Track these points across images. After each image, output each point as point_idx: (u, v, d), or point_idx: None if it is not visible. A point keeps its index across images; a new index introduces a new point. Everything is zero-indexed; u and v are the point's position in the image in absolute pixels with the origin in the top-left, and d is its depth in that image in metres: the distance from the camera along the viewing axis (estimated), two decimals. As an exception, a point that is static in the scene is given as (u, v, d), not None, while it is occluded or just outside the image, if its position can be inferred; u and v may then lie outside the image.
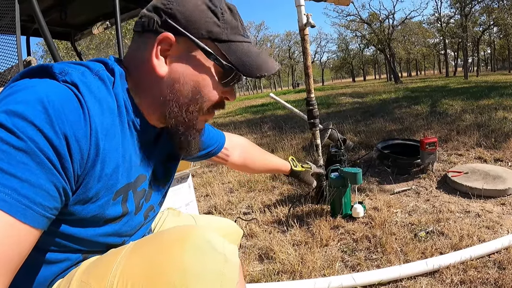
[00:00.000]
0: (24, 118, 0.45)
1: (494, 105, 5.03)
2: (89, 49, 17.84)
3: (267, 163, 1.33)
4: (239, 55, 0.64)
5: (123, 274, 0.54)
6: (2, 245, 0.42)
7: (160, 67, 0.62)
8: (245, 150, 1.22)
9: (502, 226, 1.76)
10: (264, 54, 0.68)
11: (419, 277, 1.42)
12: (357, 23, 30.67)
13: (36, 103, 0.47)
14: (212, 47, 0.62)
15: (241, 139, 1.23)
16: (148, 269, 0.54)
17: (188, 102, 0.64)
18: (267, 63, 0.67)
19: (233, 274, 0.58)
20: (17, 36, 1.73)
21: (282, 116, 6.93)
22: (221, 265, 0.56)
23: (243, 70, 0.64)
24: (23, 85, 0.50)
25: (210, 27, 0.62)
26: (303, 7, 2.09)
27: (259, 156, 1.29)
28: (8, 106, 0.46)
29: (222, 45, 0.63)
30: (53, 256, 0.60)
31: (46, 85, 0.50)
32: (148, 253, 0.57)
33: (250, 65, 0.64)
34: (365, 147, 3.63)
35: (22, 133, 0.44)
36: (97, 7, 2.47)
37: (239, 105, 13.53)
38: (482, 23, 26.83)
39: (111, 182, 0.59)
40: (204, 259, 0.55)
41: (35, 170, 0.45)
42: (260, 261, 1.69)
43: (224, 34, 0.63)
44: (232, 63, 0.63)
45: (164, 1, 0.62)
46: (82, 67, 0.58)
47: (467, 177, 2.37)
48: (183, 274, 0.52)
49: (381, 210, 2.06)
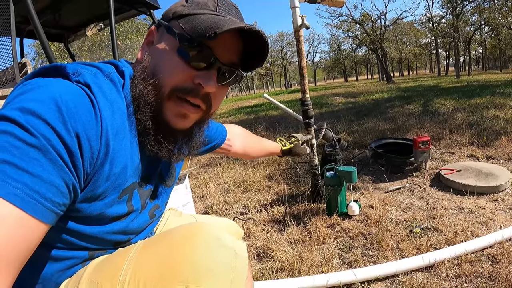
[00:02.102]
0: (37, 115, 0.46)
1: (485, 103, 5.10)
2: (82, 50, 17.68)
3: (263, 148, 1.41)
4: (195, 23, 0.60)
5: (135, 272, 0.55)
6: (12, 237, 0.43)
7: (143, 53, 0.66)
8: (244, 139, 1.28)
9: (495, 222, 1.79)
10: (229, 18, 0.61)
11: (415, 272, 1.45)
12: (349, 23, 30.80)
13: (50, 101, 0.48)
14: (175, 25, 0.62)
15: (238, 129, 1.29)
16: (160, 267, 0.55)
17: (151, 79, 0.61)
18: (224, 22, 0.59)
19: (243, 269, 0.59)
20: (12, 38, 1.72)
21: (276, 117, 6.95)
22: (232, 260, 0.58)
23: (192, 33, 0.59)
24: (36, 84, 0.51)
25: (176, 9, 0.65)
26: (298, 8, 2.11)
27: (255, 142, 1.37)
28: (22, 104, 0.47)
29: (182, 20, 0.62)
30: (59, 253, 0.61)
31: (59, 85, 0.51)
32: (158, 251, 0.58)
33: (203, 27, 0.59)
34: (359, 146, 3.67)
35: (35, 130, 0.45)
36: (90, 9, 2.47)
37: (232, 106, 13.53)
38: (473, 23, 27.10)
39: (118, 182, 0.60)
40: (215, 254, 0.56)
41: (47, 166, 0.46)
42: (259, 260, 1.70)
43: (185, 10, 0.63)
44: (186, 31, 0.60)
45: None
46: (94, 68, 0.60)
47: (460, 175, 2.41)
48: (195, 270, 0.53)
49: (376, 208, 2.08)
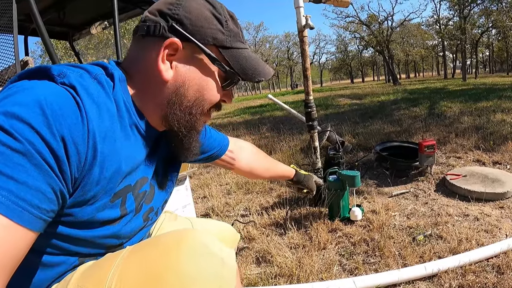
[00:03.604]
0: (21, 120, 0.45)
1: (492, 107, 5.03)
2: (88, 48, 17.81)
3: (273, 169, 1.34)
4: (240, 61, 0.68)
5: (120, 278, 0.54)
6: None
7: (166, 71, 0.63)
8: (252, 155, 1.22)
9: (500, 230, 1.75)
10: (260, 60, 0.73)
11: (417, 281, 1.41)
12: (356, 24, 30.76)
13: (34, 105, 0.46)
14: (216, 53, 0.65)
15: (247, 145, 1.23)
16: (145, 274, 0.54)
17: (191, 105, 0.66)
18: (264, 68, 0.71)
19: (231, 277, 0.58)
20: (14, 36, 1.72)
21: (280, 118, 6.93)
22: (219, 268, 0.56)
23: (244, 76, 0.68)
24: (21, 87, 0.49)
25: (215, 34, 0.64)
26: (302, 8, 2.08)
27: (265, 162, 1.29)
28: (5, 108, 0.45)
29: (225, 52, 0.66)
30: (50, 259, 0.60)
31: (44, 87, 0.50)
32: (145, 257, 0.58)
33: (250, 71, 0.69)
34: (363, 149, 3.63)
35: (19, 134, 0.44)
36: (95, 7, 2.46)
37: (238, 106, 13.53)
38: (480, 25, 26.92)
39: (110, 185, 0.59)
40: (201, 262, 0.55)
41: (32, 172, 0.45)
42: (258, 264, 1.68)
43: (227, 41, 0.66)
44: (234, 69, 0.67)
45: (171, 6, 0.63)
46: (80, 69, 0.58)
47: (466, 180, 2.37)
48: (180, 278, 0.52)
49: (379, 213, 2.05)
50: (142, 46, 0.65)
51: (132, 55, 0.67)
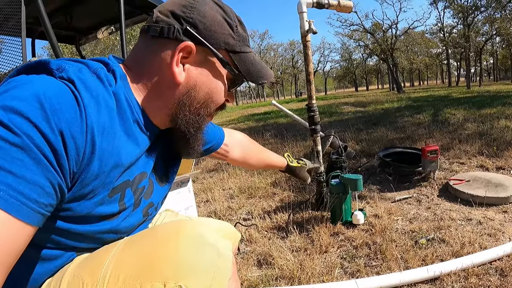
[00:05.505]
0: (20, 114, 0.45)
1: (496, 114, 5.01)
2: (94, 54, 18.00)
3: (265, 159, 1.37)
4: (247, 65, 0.71)
5: (116, 267, 0.55)
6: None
7: (180, 74, 0.64)
8: (245, 147, 1.25)
9: (504, 234, 1.74)
10: (263, 63, 0.76)
11: (420, 284, 1.41)
12: (360, 32, 30.88)
13: (33, 99, 0.47)
14: (227, 57, 0.68)
15: (241, 135, 1.27)
16: (141, 262, 0.54)
17: (200, 107, 0.68)
18: (267, 71, 0.75)
19: (226, 267, 0.58)
20: (22, 38, 1.75)
21: (284, 125, 6.94)
22: (214, 258, 0.57)
23: (250, 78, 0.72)
24: (20, 81, 0.50)
25: (227, 39, 0.67)
26: (305, 13, 2.10)
27: (258, 152, 1.34)
28: (4, 102, 0.46)
29: (234, 56, 0.69)
30: (48, 253, 0.60)
31: (42, 81, 0.50)
32: (141, 247, 0.58)
33: (255, 74, 0.72)
34: (367, 155, 3.62)
35: (18, 129, 0.44)
36: (102, 12, 2.50)
37: (242, 113, 13.55)
38: (484, 33, 26.89)
39: (108, 180, 0.59)
40: (197, 251, 0.56)
41: (31, 166, 0.45)
42: (259, 267, 1.68)
43: (237, 46, 0.69)
44: (242, 72, 0.70)
45: (184, 9, 0.64)
46: (80, 64, 0.58)
47: (469, 185, 2.36)
48: (175, 266, 0.53)
49: (381, 217, 2.04)
50: (153, 46, 0.64)
51: (139, 54, 0.66)
